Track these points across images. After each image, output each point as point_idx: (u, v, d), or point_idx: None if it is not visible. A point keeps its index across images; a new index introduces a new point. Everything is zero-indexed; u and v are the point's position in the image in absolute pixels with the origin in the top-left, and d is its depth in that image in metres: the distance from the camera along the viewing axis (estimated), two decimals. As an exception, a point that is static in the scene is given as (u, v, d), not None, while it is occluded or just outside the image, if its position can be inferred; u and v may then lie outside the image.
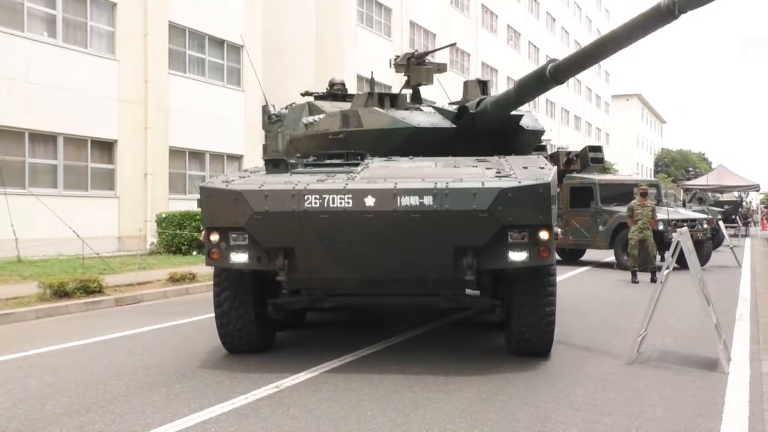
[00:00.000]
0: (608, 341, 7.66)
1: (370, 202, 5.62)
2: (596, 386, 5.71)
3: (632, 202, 14.10)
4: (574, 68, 6.75)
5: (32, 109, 16.57)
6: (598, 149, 8.12)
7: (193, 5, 21.17)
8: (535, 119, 8.28)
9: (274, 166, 6.45)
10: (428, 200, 5.58)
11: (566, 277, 14.42)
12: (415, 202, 5.58)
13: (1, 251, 14.48)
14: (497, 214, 5.58)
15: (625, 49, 6.30)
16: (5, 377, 6.00)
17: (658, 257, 14.27)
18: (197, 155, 21.93)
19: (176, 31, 20.85)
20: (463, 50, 39.55)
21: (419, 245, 5.77)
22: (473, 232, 5.68)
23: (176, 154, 21.00)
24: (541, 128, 8.30)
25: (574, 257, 18.36)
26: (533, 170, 6.06)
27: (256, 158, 18.01)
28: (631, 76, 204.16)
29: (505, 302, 6.64)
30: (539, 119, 9.27)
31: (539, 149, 8.55)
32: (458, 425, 4.66)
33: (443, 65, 8.65)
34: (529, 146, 8.19)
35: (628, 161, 73.38)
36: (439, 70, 8.56)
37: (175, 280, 11.88)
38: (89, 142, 18.21)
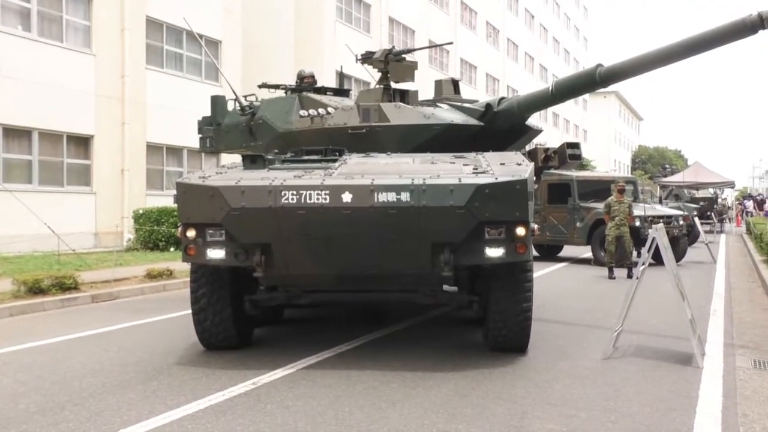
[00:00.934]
0: (585, 336, 7.73)
1: (347, 198, 5.62)
2: (573, 381, 5.75)
3: (609, 198, 14.21)
4: (629, 73, 7.02)
5: (6, 103, 16.30)
6: (575, 146, 8.21)
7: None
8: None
9: (251, 161, 6.42)
10: (405, 196, 5.59)
11: (544, 273, 14.50)
12: (392, 198, 5.59)
13: (-26, 248, 14.28)
14: (474, 210, 5.60)
15: (689, 58, 6.39)
16: (-22, 375, 5.91)
17: (634, 253, 14.40)
18: (175, 151, 21.73)
19: (153, 25, 20.65)
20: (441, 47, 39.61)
21: (396, 241, 5.78)
22: (450, 228, 5.70)
23: (153, 149, 20.81)
24: (540, 128, 8.43)
25: (551, 253, 18.47)
26: (510, 166, 6.09)
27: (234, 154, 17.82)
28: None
29: (482, 298, 6.68)
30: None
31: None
32: (435, 420, 4.68)
33: (415, 63, 8.66)
34: (526, 144, 8.32)
35: (605, 158, 73.90)
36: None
37: (152, 276, 11.78)
38: (65, 137, 17.98)
